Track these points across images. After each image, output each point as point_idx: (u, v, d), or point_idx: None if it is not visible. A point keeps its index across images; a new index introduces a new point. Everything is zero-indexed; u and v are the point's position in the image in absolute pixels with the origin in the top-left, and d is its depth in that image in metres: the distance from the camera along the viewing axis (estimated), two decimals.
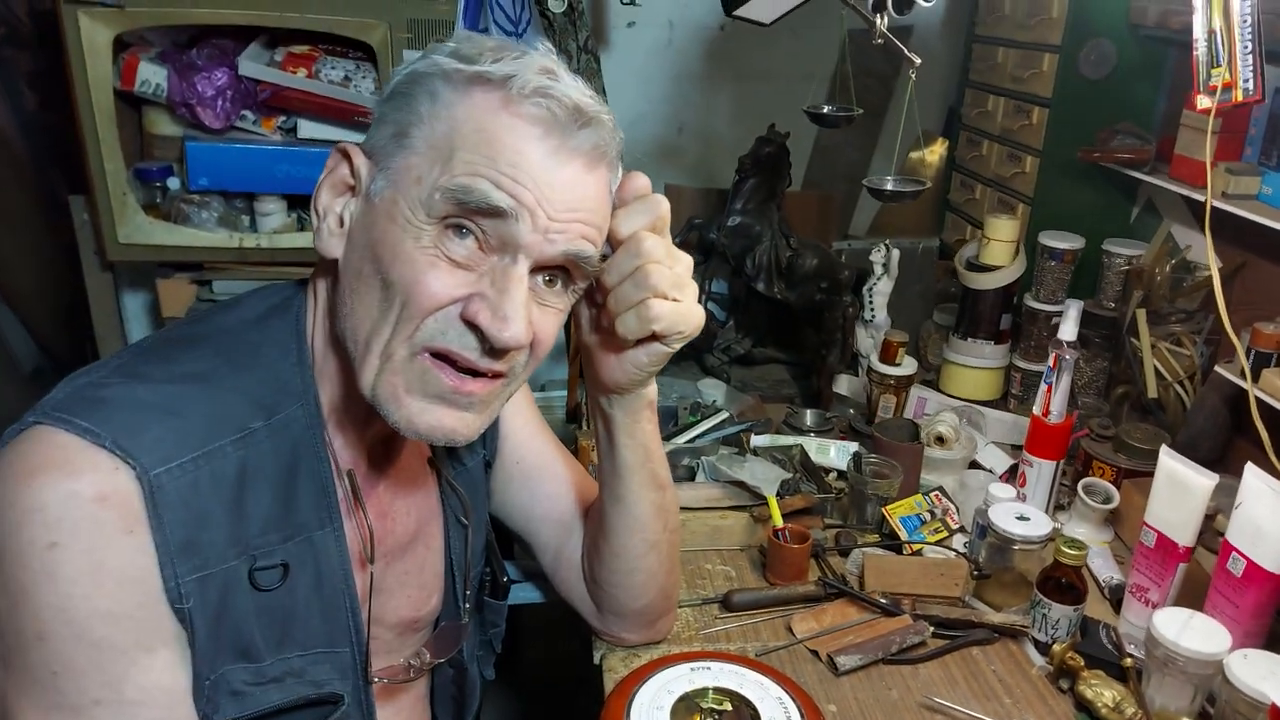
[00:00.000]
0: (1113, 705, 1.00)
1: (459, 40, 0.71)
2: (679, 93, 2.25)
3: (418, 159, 0.67)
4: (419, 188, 0.67)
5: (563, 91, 0.67)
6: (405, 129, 0.67)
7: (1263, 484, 1.03)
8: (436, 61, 0.69)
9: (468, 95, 0.67)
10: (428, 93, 0.67)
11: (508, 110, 0.67)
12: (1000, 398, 1.72)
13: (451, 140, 0.66)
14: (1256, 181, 1.33)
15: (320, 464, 0.74)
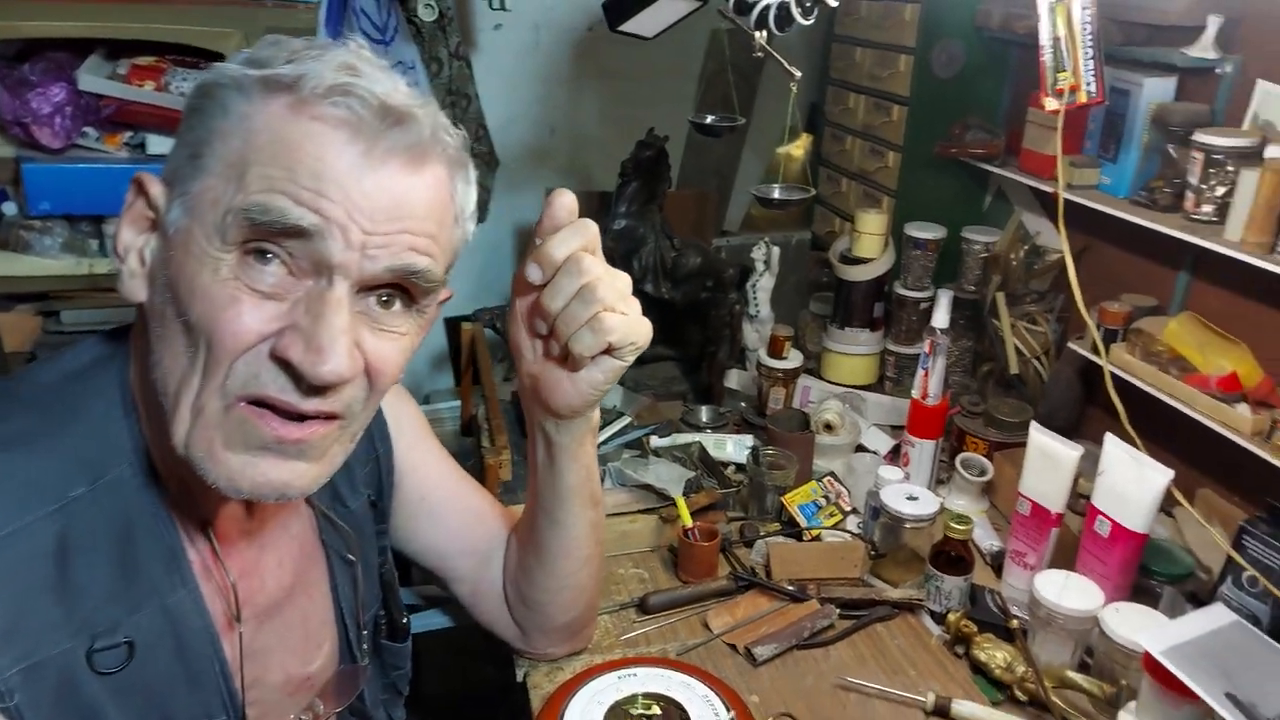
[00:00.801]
0: (1005, 665, 1.09)
1: (260, 44, 0.64)
2: (548, 95, 2.24)
3: (213, 180, 0.60)
4: (214, 211, 0.59)
5: (365, 88, 0.60)
6: (198, 149, 0.60)
7: (1122, 452, 1.14)
8: (225, 69, 0.61)
9: (260, 103, 0.60)
10: (219, 106, 0.60)
11: (305, 114, 0.60)
12: (877, 382, 1.81)
13: (245, 155, 0.59)
14: (1096, 173, 1.45)
15: (162, 525, 0.67)
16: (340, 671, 0.87)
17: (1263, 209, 1.14)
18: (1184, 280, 1.40)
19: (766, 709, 1.04)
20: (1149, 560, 1.16)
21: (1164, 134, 1.36)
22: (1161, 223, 1.30)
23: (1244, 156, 1.20)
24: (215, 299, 0.59)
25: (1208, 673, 0.91)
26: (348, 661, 0.88)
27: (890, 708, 1.05)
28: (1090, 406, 1.59)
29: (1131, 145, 1.41)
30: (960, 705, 1.03)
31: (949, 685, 1.09)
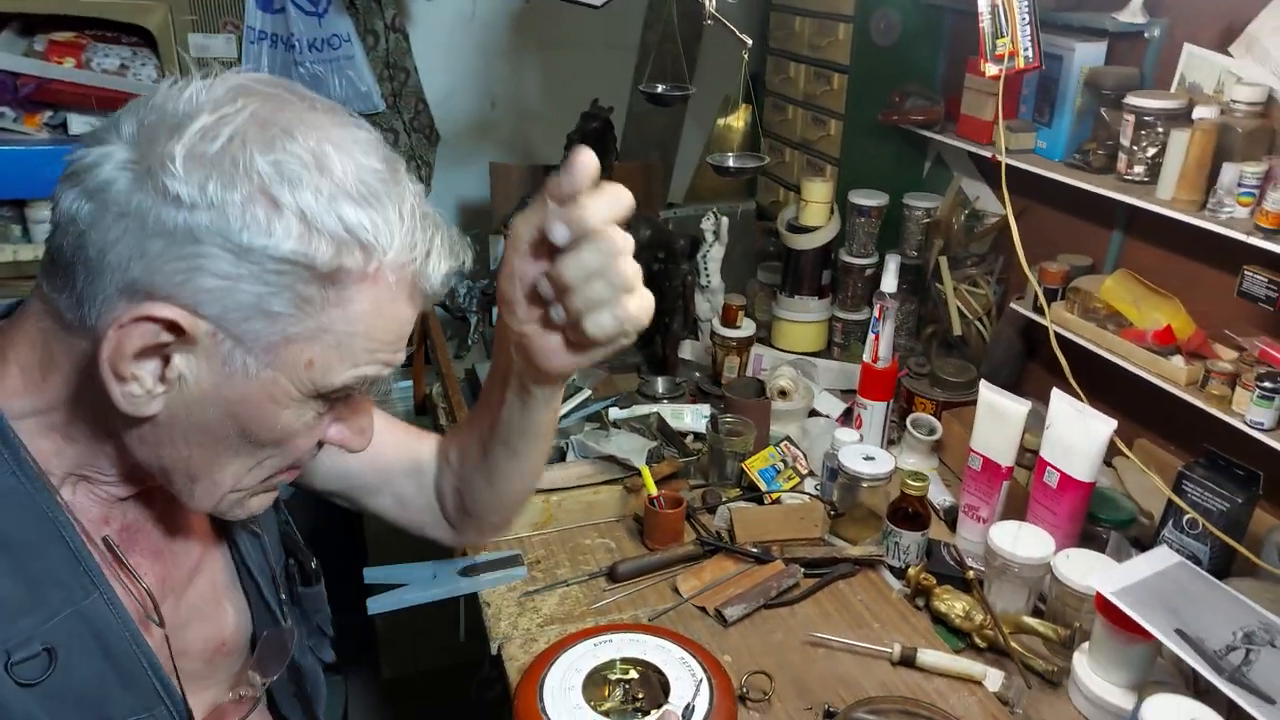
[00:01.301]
0: (964, 614, 1.13)
1: (282, 177, 0.59)
2: (487, 67, 2.21)
3: (305, 345, 0.62)
4: (311, 371, 0.63)
5: (432, 263, 0.66)
6: (275, 315, 0.61)
7: (1068, 406, 1.19)
8: (292, 255, 0.59)
9: (362, 289, 0.62)
10: (295, 291, 0.60)
11: (403, 297, 0.65)
12: (826, 348, 1.85)
13: (350, 332, 0.63)
14: (1032, 137, 1.50)
15: (61, 529, 0.66)
16: (268, 637, 0.86)
17: (1192, 168, 1.19)
18: (1118, 239, 1.46)
19: (740, 667, 1.06)
20: (1095, 508, 1.21)
21: (1096, 97, 1.41)
22: (1096, 184, 1.35)
23: (1173, 118, 1.25)
24: (295, 430, 0.67)
25: (1157, 611, 0.96)
26: (268, 622, 0.87)
27: (858, 660, 1.09)
28: (1030, 363, 1.65)
29: (1065, 109, 1.45)
30: (925, 654, 1.07)
31: (912, 636, 1.13)
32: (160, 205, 0.57)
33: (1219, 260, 1.27)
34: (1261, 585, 1.08)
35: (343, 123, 0.63)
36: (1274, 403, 1.09)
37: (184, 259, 0.58)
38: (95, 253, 0.58)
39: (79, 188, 0.58)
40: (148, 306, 0.58)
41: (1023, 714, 1.02)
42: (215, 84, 0.61)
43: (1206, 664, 0.90)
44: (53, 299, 0.62)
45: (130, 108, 0.61)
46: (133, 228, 0.57)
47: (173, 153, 0.57)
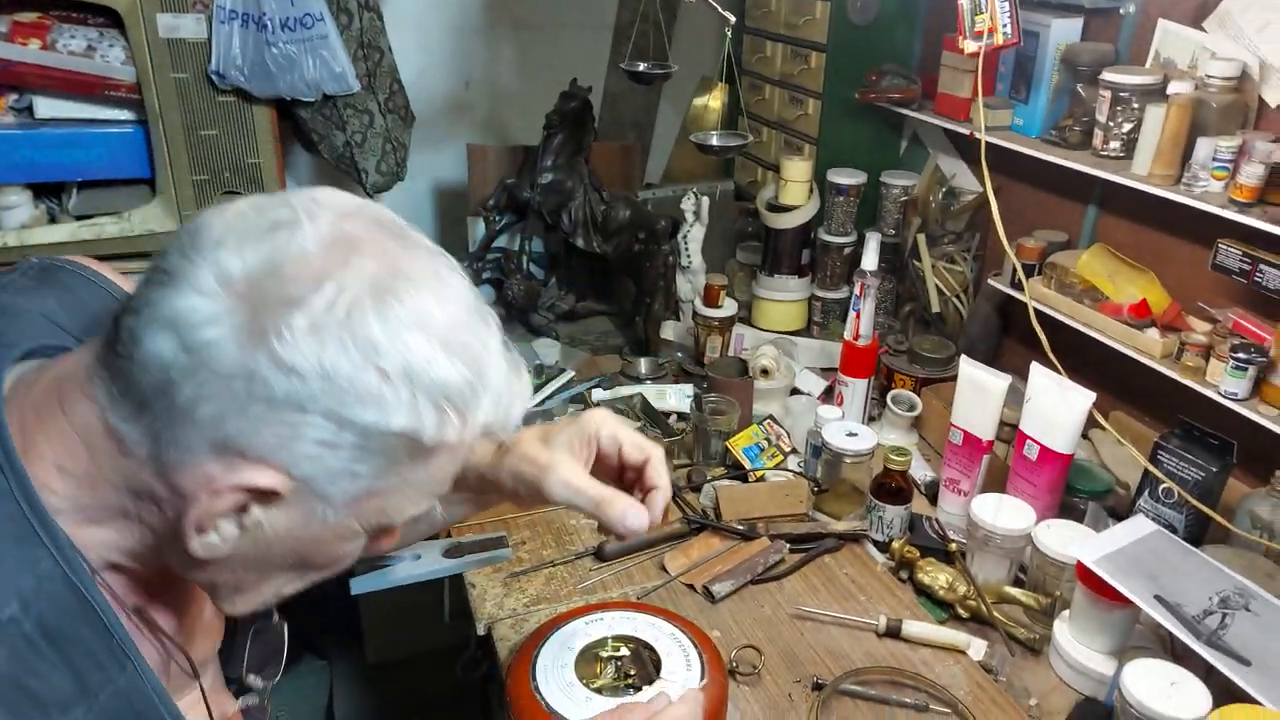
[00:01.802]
0: (947, 586, 1.15)
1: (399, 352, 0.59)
2: (461, 46, 2.18)
3: (384, 497, 0.64)
4: (382, 516, 0.65)
5: (515, 419, 0.67)
6: (362, 475, 0.62)
7: (1047, 380, 1.20)
8: (402, 430, 0.60)
9: (445, 447, 0.63)
10: (389, 457, 0.61)
11: (471, 444, 0.66)
12: (806, 326, 1.86)
13: (425, 481, 0.65)
14: (1009, 114, 1.51)
15: (99, 611, 0.64)
16: (257, 635, 0.85)
17: (1168, 143, 1.21)
18: (1093, 214, 1.48)
19: (730, 642, 1.07)
20: (1073, 479, 1.23)
21: (1072, 74, 1.42)
22: (1072, 160, 1.36)
23: (1148, 93, 1.26)
24: (349, 556, 0.68)
25: (1135, 578, 0.98)
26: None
27: (845, 632, 1.10)
28: (1006, 339, 1.67)
29: (1041, 86, 1.47)
30: (910, 625, 1.09)
31: (896, 608, 1.15)
32: (270, 373, 0.56)
33: (1193, 234, 1.29)
34: (1235, 551, 1.11)
35: (438, 270, 0.63)
36: (1247, 374, 1.11)
37: (286, 425, 0.57)
38: (184, 402, 0.56)
39: (174, 337, 0.56)
40: (244, 473, 0.58)
41: (1006, 681, 1.04)
42: (321, 230, 0.59)
43: (1184, 628, 0.93)
44: (116, 425, 0.59)
45: (229, 245, 0.57)
46: (235, 388, 0.56)
47: (293, 324, 0.56)
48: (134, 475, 0.61)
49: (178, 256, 0.58)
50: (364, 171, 1.91)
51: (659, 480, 0.91)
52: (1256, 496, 1.14)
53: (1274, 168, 1.10)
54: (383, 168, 1.93)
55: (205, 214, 0.60)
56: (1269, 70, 1.17)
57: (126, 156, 1.72)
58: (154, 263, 0.59)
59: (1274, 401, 1.11)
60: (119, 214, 1.72)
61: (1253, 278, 1.11)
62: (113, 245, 1.72)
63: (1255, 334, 1.16)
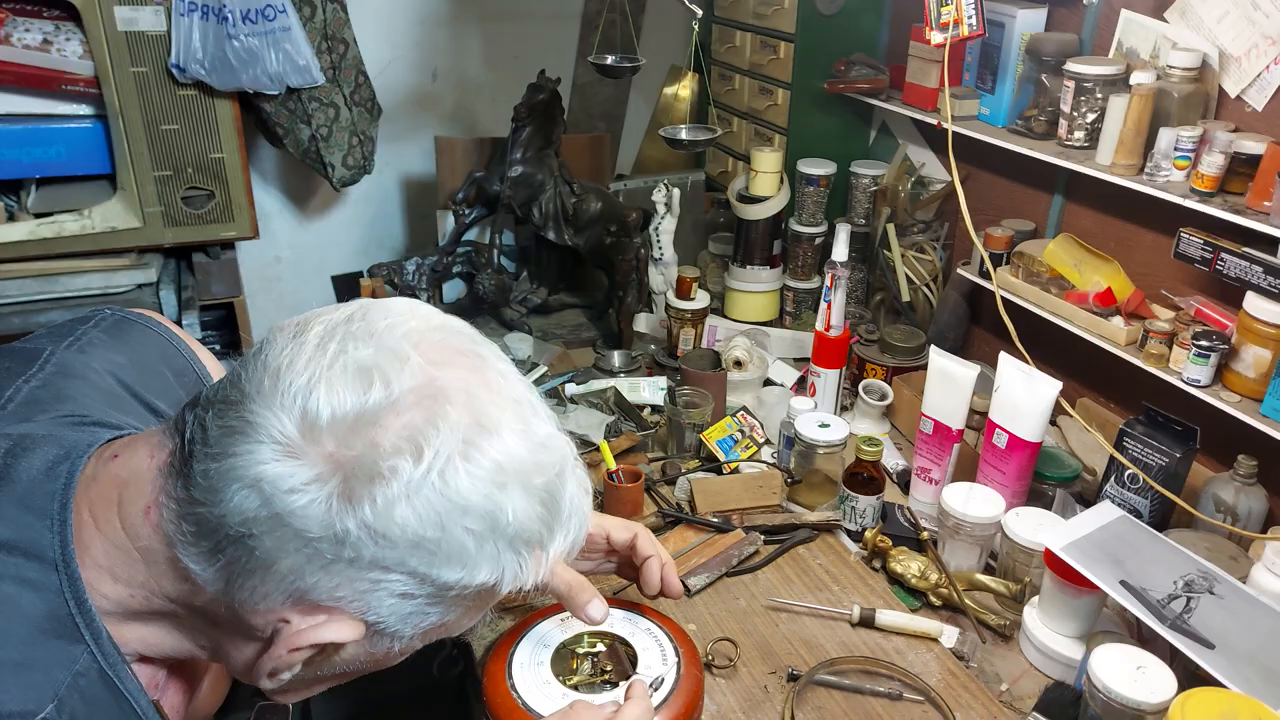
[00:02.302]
0: (919, 574, 1.16)
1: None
2: (427, 37, 2.16)
3: (448, 627, 0.65)
4: (442, 632, 0.66)
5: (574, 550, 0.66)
6: (433, 615, 0.62)
7: (1016, 369, 1.22)
8: (482, 585, 0.60)
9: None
10: (462, 603, 0.62)
11: None
12: (778, 317, 1.87)
13: (483, 610, 0.66)
14: (975, 104, 1.52)
15: (132, 706, 0.63)
16: (265, 717, 0.87)
17: (1130, 133, 1.22)
18: (1059, 203, 1.49)
19: (705, 635, 1.08)
20: (1041, 467, 1.25)
21: (1037, 64, 1.43)
22: (1037, 149, 1.37)
23: (1111, 83, 1.28)
24: (401, 657, 0.67)
25: (1102, 564, 1.00)
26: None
27: (819, 622, 1.11)
28: (976, 327, 1.68)
29: (1007, 76, 1.48)
30: (883, 614, 1.10)
31: (870, 597, 1.16)
32: (360, 537, 0.55)
33: (1156, 223, 1.31)
34: (1199, 535, 1.13)
35: (519, 400, 0.61)
36: (1209, 360, 1.13)
37: (368, 582, 0.56)
38: (264, 555, 0.55)
39: (259, 496, 0.54)
40: (324, 626, 0.57)
41: (978, 668, 1.06)
42: (411, 376, 0.56)
43: (1150, 613, 0.94)
44: (185, 561, 0.58)
45: (315, 389, 0.55)
46: (320, 550, 0.55)
47: (390, 493, 0.54)
48: (199, 599, 0.60)
49: (259, 399, 0.55)
50: (330, 165, 1.88)
51: (650, 550, 0.96)
52: (1220, 481, 1.16)
53: (1234, 157, 1.12)
54: (349, 161, 1.91)
55: (281, 344, 0.57)
56: (1228, 60, 1.19)
57: (86, 152, 1.69)
58: (231, 391, 0.57)
59: (1235, 387, 1.13)
60: (79, 211, 1.68)
61: (1214, 266, 1.13)
62: (73, 243, 1.69)
63: (1217, 321, 1.18)
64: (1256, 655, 0.91)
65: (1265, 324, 1.09)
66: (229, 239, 1.83)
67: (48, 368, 0.70)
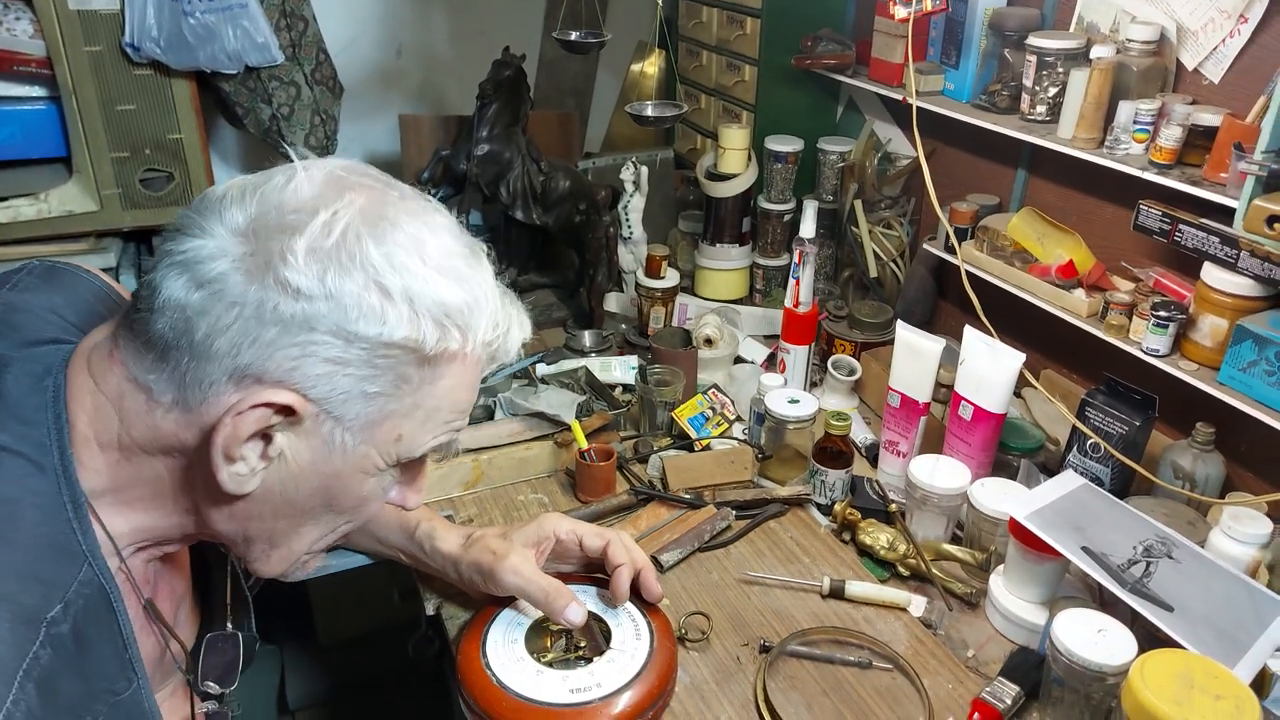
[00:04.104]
0: (888, 545, 1.18)
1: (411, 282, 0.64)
2: (391, 12, 2.13)
3: (398, 421, 0.68)
4: (399, 445, 0.69)
5: (511, 341, 0.72)
6: (374, 395, 0.66)
7: (980, 342, 1.23)
8: (404, 341, 0.64)
9: (452, 367, 0.68)
10: (397, 372, 0.65)
11: (471, 366, 0.70)
12: (748, 294, 1.87)
13: (437, 406, 0.69)
14: (940, 79, 1.52)
15: (118, 620, 0.66)
16: (212, 644, 0.85)
17: (1090, 107, 1.24)
18: (1022, 177, 1.51)
19: (678, 609, 1.09)
20: (1006, 438, 1.27)
21: (1000, 39, 1.44)
22: (1001, 124, 1.38)
23: (1072, 58, 1.29)
24: (374, 497, 0.72)
25: (1064, 531, 1.02)
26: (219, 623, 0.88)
27: (790, 594, 1.13)
28: (943, 301, 1.70)
29: (970, 51, 1.48)
30: (853, 585, 1.12)
31: (840, 569, 1.18)
32: (278, 296, 0.60)
33: (1116, 195, 1.33)
34: (1158, 502, 1.16)
35: (426, 208, 0.68)
36: (1168, 330, 1.16)
37: (297, 345, 0.61)
38: (202, 338, 0.61)
39: (187, 277, 0.61)
40: (264, 392, 0.62)
41: (945, 635, 1.08)
42: (314, 175, 0.65)
43: (1110, 578, 0.97)
44: (143, 379, 0.64)
45: (231, 197, 0.63)
46: (246, 316, 0.60)
47: (295, 248, 0.60)
48: (162, 428, 0.64)
49: (187, 216, 0.64)
50: (292, 145, 1.85)
51: (621, 558, 0.99)
52: (1178, 448, 1.19)
53: (1191, 130, 1.14)
54: (311, 141, 1.88)
55: (215, 185, 0.68)
56: (1186, 34, 1.20)
57: (40, 135, 1.65)
58: (167, 228, 0.65)
59: (1194, 356, 1.16)
60: (35, 195, 1.65)
61: (1172, 237, 1.15)
62: (30, 228, 1.65)
63: (1175, 292, 1.20)
64: (1212, 617, 0.94)
65: (1222, 293, 1.11)
66: None
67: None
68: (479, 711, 0.91)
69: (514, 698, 0.90)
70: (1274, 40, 1.11)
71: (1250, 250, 1.06)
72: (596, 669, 0.94)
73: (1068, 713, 0.93)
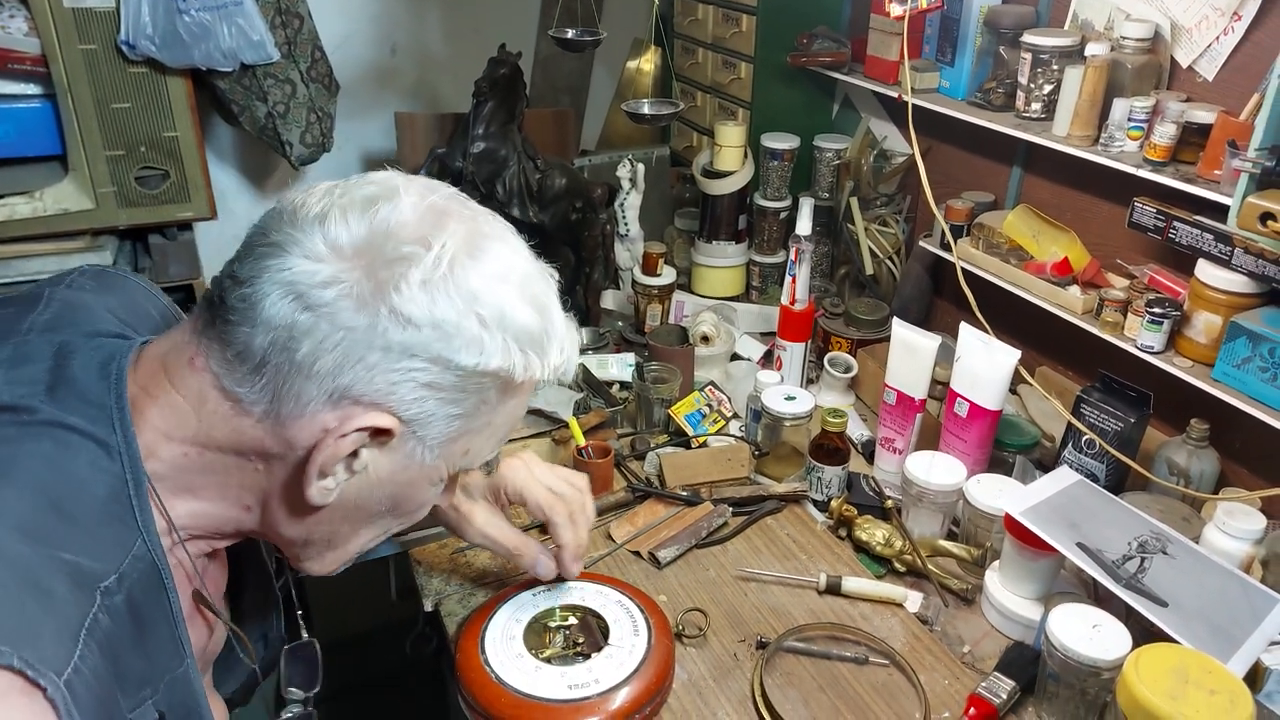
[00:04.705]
0: (884, 541, 1.18)
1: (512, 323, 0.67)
2: (385, 10, 2.13)
3: (471, 438, 0.70)
4: (466, 458, 0.72)
5: (575, 364, 0.74)
6: (457, 415, 0.68)
7: (975, 339, 1.24)
8: (497, 370, 0.67)
9: (524, 388, 0.71)
10: (481, 396, 0.68)
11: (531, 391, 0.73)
12: (744, 292, 1.87)
13: (503, 423, 0.72)
14: (936, 76, 1.53)
15: (170, 600, 0.67)
16: (295, 655, 0.91)
17: (1086, 104, 1.24)
18: (1017, 175, 1.51)
19: (676, 606, 1.09)
20: (1001, 434, 1.28)
21: (995, 36, 1.44)
22: (996, 121, 1.38)
23: (1067, 55, 1.29)
24: (431, 501, 0.76)
25: (1059, 527, 1.03)
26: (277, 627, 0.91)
27: (787, 591, 1.13)
28: (938, 299, 1.71)
29: (966, 49, 1.49)
30: (849, 582, 1.12)
31: (836, 565, 1.18)
32: (388, 324, 0.62)
33: (1111, 193, 1.33)
34: (1153, 498, 1.16)
35: (506, 233, 0.70)
36: (1162, 327, 1.16)
37: (397, 371, 0.63)
38: (304, 357, 0.62)
39: (293, 297, 0.61)
40: (365, 415, 0.64)
41: (941, 631, 1.08)
42: (415, 200, 0.66)
43: (1105, 573, 0.97)
44: (232, 389, 0.64)
45: (334, 216, 0.63)
46: (353, 341, 0.62)
47: (410, 279, 0.62)
48: (246, 433, 0.65)
49: (282, 231, 0.64)
50: (288, 144, 1.85)
51: (562, 539, 1.00)
52: (1173, 445, 1.20)
53: (1185, 127, 1.14)
54: (307, 139, 1.88)
55: (293, 194, 0.67)
56: (1180, 31, 1.21)
57: (35, 133, 1.65)
58: (254, 238, 0.65)
59: (1188, 353, 1.16)
60: (30, 193, 1.64)
61: (1167, 234, 1.16)
62: (26, 226, 1.65)
63: (1170, 289, 1.20)
64: (1206, 612, 0.94)
65: (1216, 290, 1.12)
66: (186, 219, 1.80)
67: (53, 304, 0.74)
68: (478, 708, 0.91)
69: (512, 694, 0.90)
70: (1268, 38, 1.12)
71: (1244, 247, 1.06)
72: (594, 665, 0.94)
73: (1063, 708, 0.93)
